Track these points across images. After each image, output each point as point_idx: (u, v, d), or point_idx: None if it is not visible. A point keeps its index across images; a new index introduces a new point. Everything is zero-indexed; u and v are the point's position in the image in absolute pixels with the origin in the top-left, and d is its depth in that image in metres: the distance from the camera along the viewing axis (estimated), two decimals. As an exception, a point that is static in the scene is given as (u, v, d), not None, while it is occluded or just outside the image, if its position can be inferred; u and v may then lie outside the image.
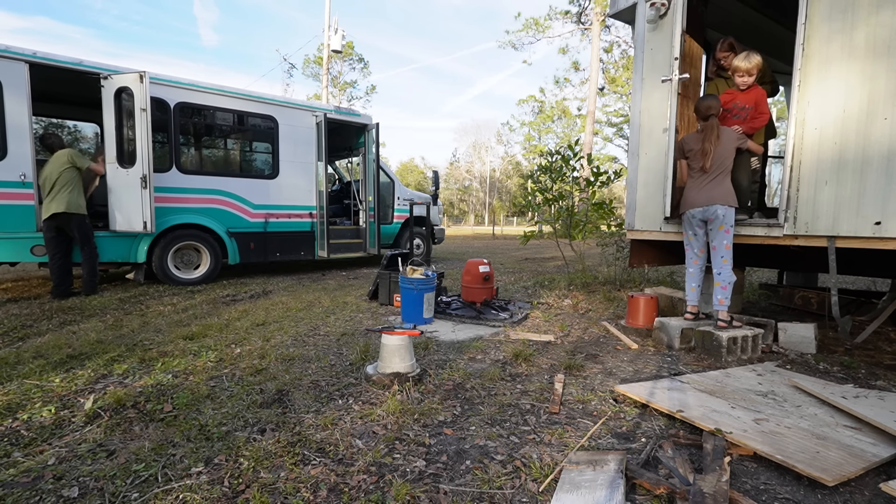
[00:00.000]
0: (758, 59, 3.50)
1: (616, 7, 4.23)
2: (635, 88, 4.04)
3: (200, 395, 2.41)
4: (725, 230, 3.29)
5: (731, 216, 3.28)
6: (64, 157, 5.06)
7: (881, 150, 2.77)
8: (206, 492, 1.59)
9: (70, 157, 5.08)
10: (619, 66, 26.37)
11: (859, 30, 2.84)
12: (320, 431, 2.03)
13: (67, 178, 5.03)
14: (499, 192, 51.25)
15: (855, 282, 6.82)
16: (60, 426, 2.08)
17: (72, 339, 3.49)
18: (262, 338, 3.54)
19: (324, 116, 7.39)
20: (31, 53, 5.14)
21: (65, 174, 5.02)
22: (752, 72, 3.52)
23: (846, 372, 2.95)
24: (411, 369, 2.64)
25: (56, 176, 4.98)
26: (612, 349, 3.40)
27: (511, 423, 2.14)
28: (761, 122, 3.56)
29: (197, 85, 6.36)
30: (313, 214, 7.46)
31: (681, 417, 2.11)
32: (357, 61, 30.83)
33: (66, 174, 5.03)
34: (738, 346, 3.19)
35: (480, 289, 4.61)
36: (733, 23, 4.83)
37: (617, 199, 27.19)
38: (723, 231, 3.29)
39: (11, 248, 5.14)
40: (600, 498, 1.51)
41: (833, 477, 1.62)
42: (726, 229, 3.29)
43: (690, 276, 3.58)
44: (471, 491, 1.62)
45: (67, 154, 5.10)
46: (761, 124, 3.58)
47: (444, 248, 14.14)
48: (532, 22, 24.77)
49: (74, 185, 5.08)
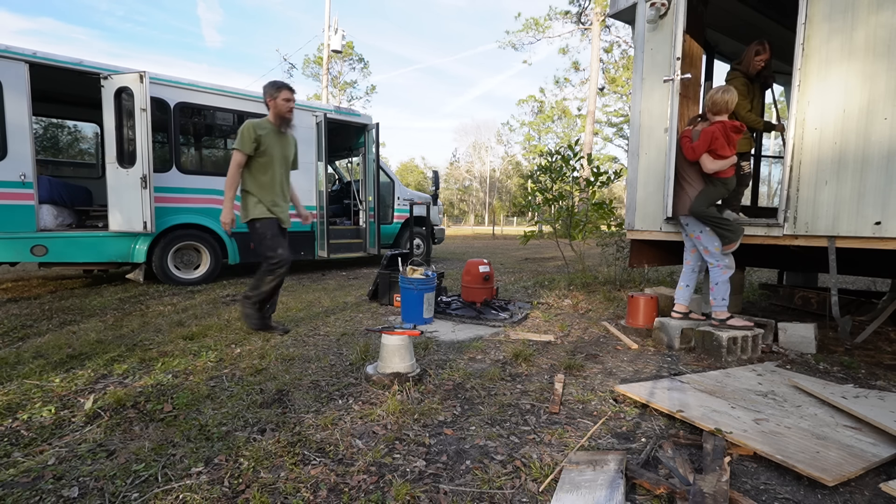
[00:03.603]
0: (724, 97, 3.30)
1: (616, 7, 4.23)
2: (635, 88, 4.04)
3: (200, 395, 2.41)
4: (696, 237, 3.43)
5: (695, 223, 3.41)
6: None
7: (881, 150, 2.77)
8: (206, 492, 1.59)
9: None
10: (619, 66, 26.37)
11: (859, 30, 2.84)
12: (320, 431, 2.03)
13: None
14: (499, 192, 51.24)
15: (855, 282, 6.82)
16: (60, 426, 2.08)
17: (72, 339, 3.49)
18: (262, 338, 3.54)
19: (324, 116, 7.39)
20: (31, 53, 5.14)
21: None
22: (713, 109, 3.34)
23: (846, 372, 2.95)
24: (411, 369, 2.64)
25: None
26: (612, 349, 3.40)
27: (511, 423, 2.14)
28: (693, 156, 3.41)
29: (197, 85, 6.36)
30: (313, 214, 7.46)
31: (681, 417, 2.11)
32: (357, 61, 30.85)
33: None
34: (738, 346, 3.19)
35: (480, 289, 4.61)
36: (733, 23, 4.83)
37: (617, 199, 27.21)
38: (694, 238, 3.46)
39: (11, 248, 5.13)
40: (600, 498, 1.51)
41: (833, 477, 1.62)
42: (696, 236, 3.43)
43: (682, 275, 3.65)
44: (471, 491, 1.62)
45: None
46: (692, 157, 3.43)
47: (444, 248, 14.14)
48: (532, 22, 24.78)
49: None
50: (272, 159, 3.49)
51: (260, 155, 3.43)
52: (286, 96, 3.45)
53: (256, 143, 3.38)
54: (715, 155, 3.28)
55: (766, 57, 3.94)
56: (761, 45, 3.94)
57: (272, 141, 3.48)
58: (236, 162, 3.38)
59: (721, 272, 3.32)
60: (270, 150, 3.47)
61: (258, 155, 3.43)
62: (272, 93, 3.44)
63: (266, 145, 3.44)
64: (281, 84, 3.46)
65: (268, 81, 3.48)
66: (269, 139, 3.45)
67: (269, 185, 3.52)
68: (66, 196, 5.97)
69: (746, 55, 4.00)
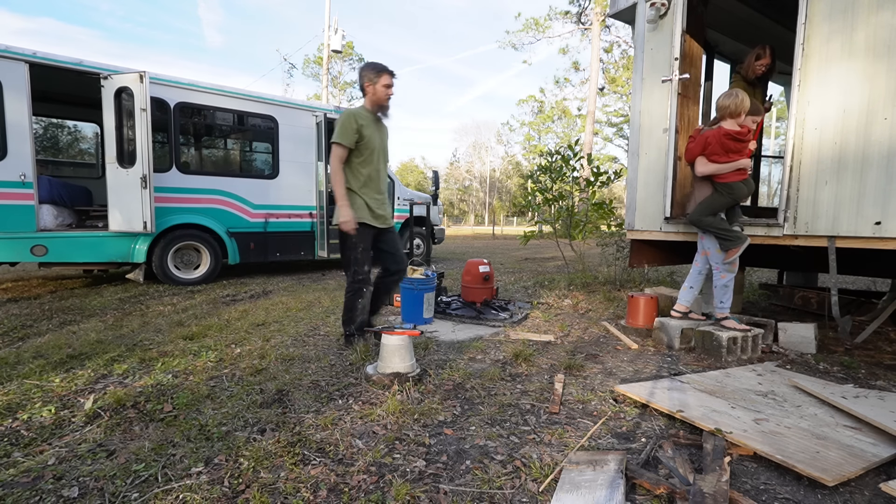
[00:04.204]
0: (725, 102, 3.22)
1: (616, 7, 4.23)
2: (635, 88, 4.04)
3: (200, 395, 2.41)
4: (701, 236, 3.47)
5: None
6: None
7: (881, 150, 2.77)
8: (206, 492, 1.59)
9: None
10: (619, 66, 26.37)
11: (859, 30, 2.84)
12: (320, 431, 2.03)
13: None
14: (499, 192, 51.25)
15: (855, 282, 6.82)
16: (60, 426, 2.08)
17: (72, 339, 3.49)
18: (262, 338, 3.54)
19: (324, 116, 7.39)
20: (31, 53, 5.15)
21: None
22: (718, 113, 3.30)
23: (846, 372, 2.95)
24: (411, 369, 2.64)
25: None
26: (612, 349, 3.40)
27: (511, 423, 2.14)
28: (688, 157, 3.46)
29: (197, 85, 6.36)
30: (313, 214, 7.46)
31: (681, 417, 2.11)
32: (357, 61, 30.83)
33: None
34: (738, 346, 3.19)
35: (480, 289, 4.61)
36: (733, 23, 4.83)
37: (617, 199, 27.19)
38: (699, 237, 3.49)
39: (11, 248, 5.13)
40: (600, 498, 1.50)
41: (833, 477, 1.62)
42: (701, 235, 3.46)
43: (688, 275, 3.63)
44: (471, 491, 1.62)
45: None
46: (688, 158, 3.47)
47: (444, 248, 14.14)
48: (532, 22, 24.78)
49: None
50: (373, 151, 3.14)
51: (362, 147, 3.08)
52: (387, 82, 3.07)
53: (358, 134, 3.03)
54: (709, 159, 3.27)
55: (767, 62, 3.95)
56: (762, 50, 3.95)
57: (372, 131, 3.12)
58: (338, 157, 3.03)
59: (720, 275, 3.33)
60: (371, 142, 3.11)
61: (360, 147, 3.07)
62: (371, 77, 3.07)
63: (367, 136, 3.08)
64: (381, 67, 3.07)
65: (366, 63, 3.13)
66: (369, 129, 3.09)
67: (374, 181, 3.17)
68: (66, 196, 5.98)
69: (748, 59, 4.02)
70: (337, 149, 3.03)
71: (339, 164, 3.05)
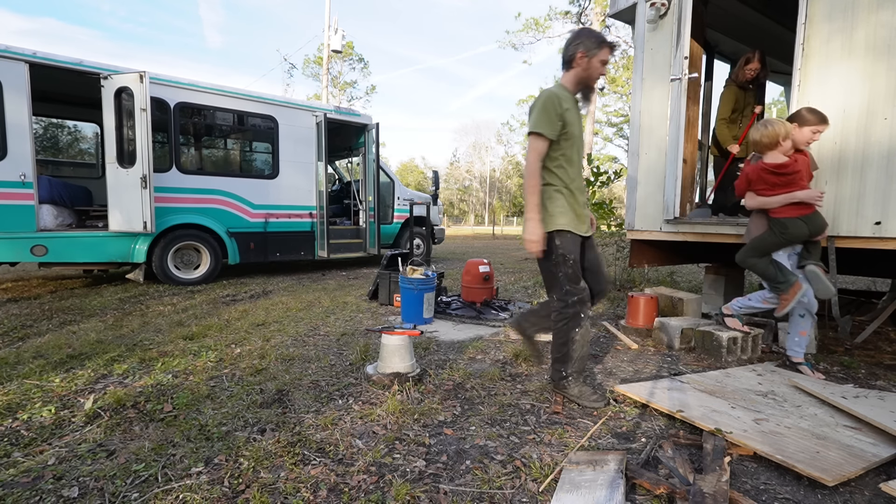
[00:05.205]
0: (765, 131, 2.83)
1: (616, 7, 4.23)
2: (635, 88, 4.04)
3: (200, 395, 2.41)
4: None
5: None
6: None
7: (881, 150, 2.77)
8: (206, 492, 1.59)
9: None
10: (619, 66, 26.34)
11: (859, 29, 2.84)
12: (320, 431, 2.03)
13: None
14: (499, 192, 51.24)
15: (855, 282, 6.82)
16: (60, 426, 2.08)
17: (72, 339, 3.49)
18: (262, 338, 3.54)
19: (324, 116, 7.39)
20: (31, 53, 5.15)
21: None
22: (755, 149, 2.97)
23: (846, 372, 2.95)
24: (411, 369, 2.64)
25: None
26: (612, 349, 3.40)
27: (511, 423, 2.14)
28: (738, 193, 3.14)
29: (197, 85, 6.36)
30: (313, 214, 7.46)
31: (681, 417, 2.11)
32: (357, 61, 30.78)
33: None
34: (737, 346, 3.19)
35: (480, 289, 4.61)
36: (733, 23, 4.83)
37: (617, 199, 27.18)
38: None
39: (11, 248, 5.13)
40: (600, 498, 1.50)
41: (833, 477, 1.62)
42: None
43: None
44: (471, 491, 1.62)
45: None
46: (738, 194, 3.16)
47: (444, 248, 14.14)
48: (532, 22, 24.74)
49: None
50: (574, 143, 2.37)
51: (564, 138, 2.33)
52: (606, 57, 2.33)
53: (562, 121, 2.29)
54: (758, 194, 2.92)
55: (757, 66, 3.98)
56: (752, 54, 3.98)
57: (574, 117, 2.36)
58: (537, 152, 2.27)
59: (761, 301, 3.06)
60: (573, 130, 2.35)
61: (562, 138, 2.32)
62: (589, 47, 2.30)
63: (570, 123, 2.33)
64: (602, 38, 2.31)
65: (582, 29, 2.41)
66: (572, 115, 2.34)
67: (577, 180, 2.42)
68: (66, 196, 5.97)
69: (738, 64, 4.09)
70: (536, 141, 2.27)
71: (537, 161, 2.28)
